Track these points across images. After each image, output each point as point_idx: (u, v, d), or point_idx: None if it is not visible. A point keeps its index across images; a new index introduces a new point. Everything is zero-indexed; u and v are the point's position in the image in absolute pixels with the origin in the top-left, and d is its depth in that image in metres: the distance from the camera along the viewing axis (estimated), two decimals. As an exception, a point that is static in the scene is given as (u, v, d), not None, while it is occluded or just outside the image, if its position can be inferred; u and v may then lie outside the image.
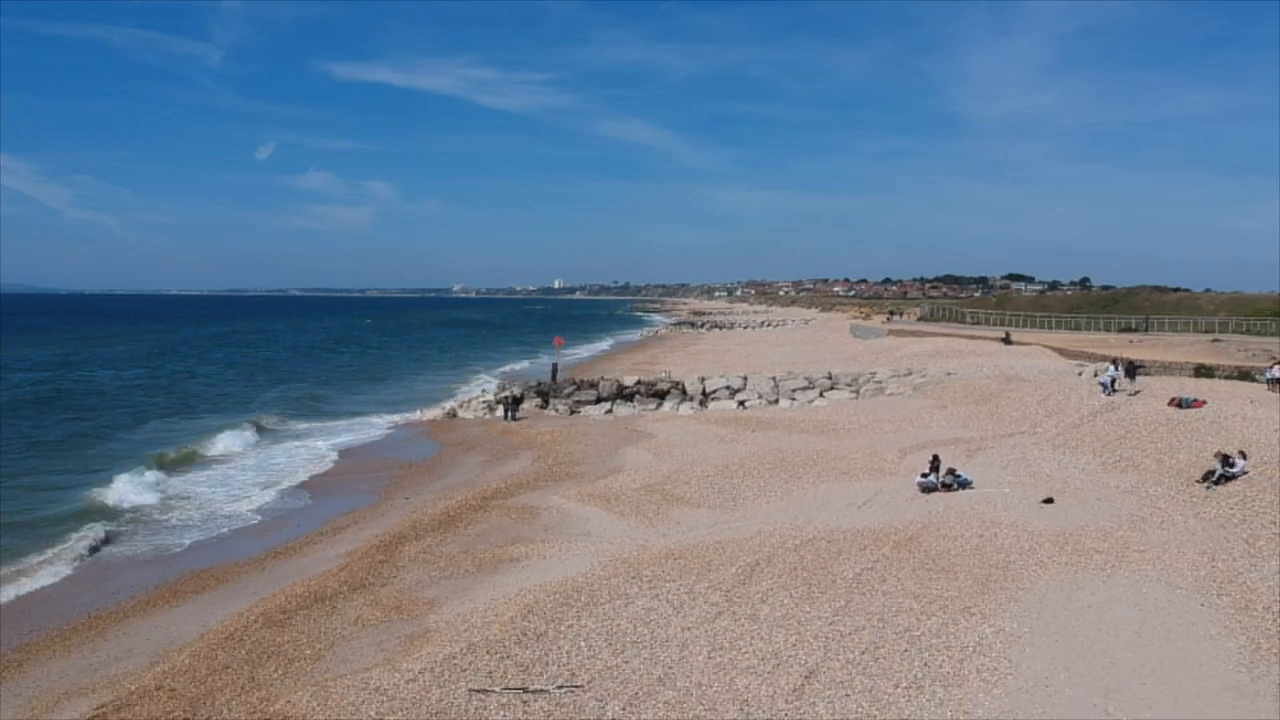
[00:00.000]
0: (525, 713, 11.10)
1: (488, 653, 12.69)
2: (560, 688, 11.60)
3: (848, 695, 11.32)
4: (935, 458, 22.12)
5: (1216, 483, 19.27)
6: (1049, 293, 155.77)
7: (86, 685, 12.82)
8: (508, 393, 40.63)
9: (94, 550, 20.08)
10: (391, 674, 12.21)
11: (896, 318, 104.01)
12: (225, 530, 22.22)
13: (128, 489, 24.93)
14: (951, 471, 21.69)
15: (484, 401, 41.88)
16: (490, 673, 12.15)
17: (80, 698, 12.38)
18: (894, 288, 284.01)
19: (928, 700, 11.09)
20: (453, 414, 40.78)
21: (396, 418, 41.07)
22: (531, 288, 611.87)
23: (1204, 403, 27.31)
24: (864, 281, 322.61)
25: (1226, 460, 19.62)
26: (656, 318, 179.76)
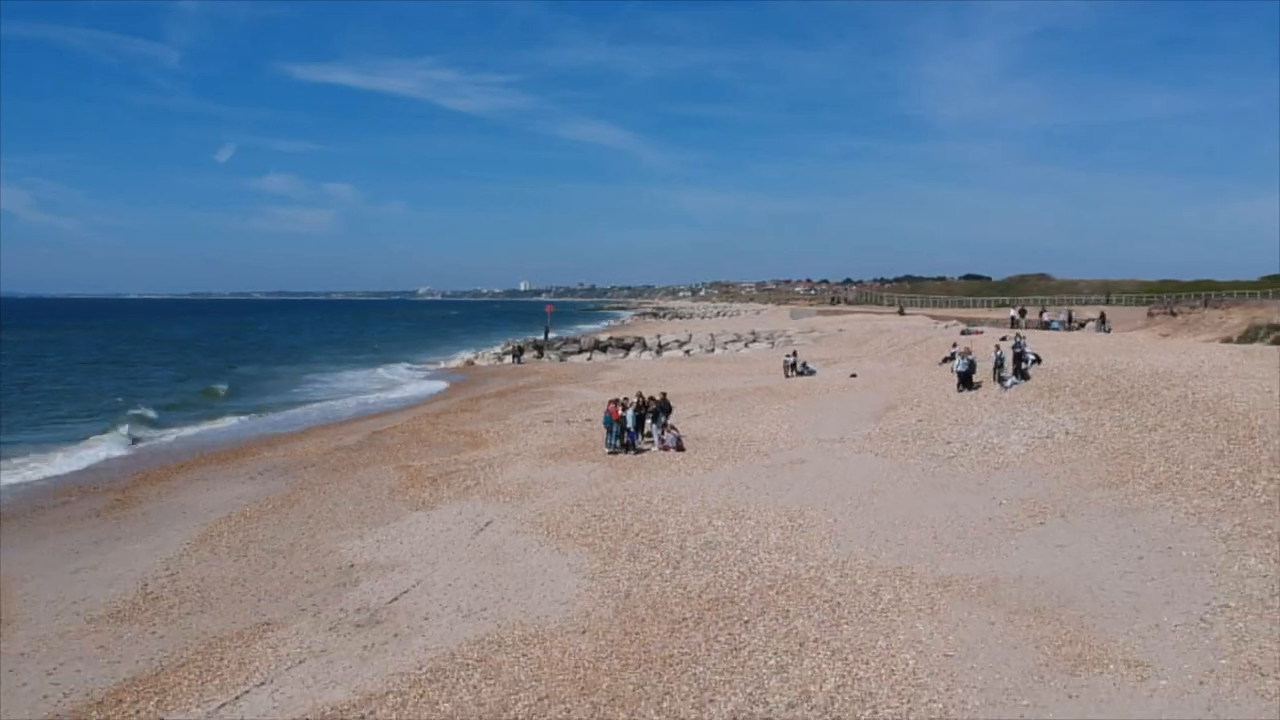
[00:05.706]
0: (569, 427, 24.94)
1: (548, 418, 26.60)
2: (585, 420, 25.49)
3: (715, 418, 25.32)
4: (795, 352, 36.18)
5: (945, 361, 33.53)
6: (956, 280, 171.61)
7: (350, 433, 26.35)
8: (513, 345, 54.30)
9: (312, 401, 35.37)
10: (505, 422, 25.98)
11: (834, 304, 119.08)
12: (344, 404, 35.98)
13: (308, 388, 42.39)
14: (805, 364, 35.82)
15: (494, 353, 55.48)
16: (549, 420, 26.02)
17: (349, 435, 25.85)
18: (854, 288, 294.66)
19: (748, 422, 25.07)
20: (470, 362, 54.28)
21: (426, 366, 54.48)
22: (496, 290, 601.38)
23: (981, 331, 41.82)
24: (825, 282, 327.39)
25: (954, 348, 33.94)
26: (623, 313, 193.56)
